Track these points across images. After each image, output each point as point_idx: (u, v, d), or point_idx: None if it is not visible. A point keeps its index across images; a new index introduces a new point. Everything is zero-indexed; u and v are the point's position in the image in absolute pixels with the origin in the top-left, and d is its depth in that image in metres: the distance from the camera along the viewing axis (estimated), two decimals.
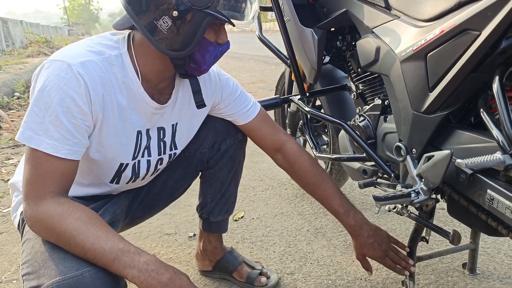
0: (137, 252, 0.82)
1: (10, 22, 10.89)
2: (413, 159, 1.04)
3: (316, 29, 1.35)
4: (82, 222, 0.82)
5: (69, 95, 0.84)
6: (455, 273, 1.32)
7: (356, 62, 1.30)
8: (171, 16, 0.85)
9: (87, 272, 0.78)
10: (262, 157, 2.54)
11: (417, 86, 0.97)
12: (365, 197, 1.89)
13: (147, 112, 1.00)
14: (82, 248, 0.80)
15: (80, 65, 0.86)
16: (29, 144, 0.83)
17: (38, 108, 0.83)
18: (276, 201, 1.93)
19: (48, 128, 0.83)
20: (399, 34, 1.02)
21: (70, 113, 0.84)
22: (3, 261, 1.57)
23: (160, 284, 0.80)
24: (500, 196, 0.80)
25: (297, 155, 1.23)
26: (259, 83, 5.37)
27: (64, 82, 0.84)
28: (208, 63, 0.96)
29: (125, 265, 0.80)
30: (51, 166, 0.84)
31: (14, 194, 1.07)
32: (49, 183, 0.84)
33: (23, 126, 0.84)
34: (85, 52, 0.89)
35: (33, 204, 0.83)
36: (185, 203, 1.98)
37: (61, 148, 0.84)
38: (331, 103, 1.55)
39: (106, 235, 0.82)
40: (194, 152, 1.23)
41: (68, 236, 0.81)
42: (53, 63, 0.85)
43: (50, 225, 0.82)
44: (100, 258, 0.80)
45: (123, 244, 0.82)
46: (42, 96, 0.83)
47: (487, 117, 0.84)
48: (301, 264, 1.43)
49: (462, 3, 0.84)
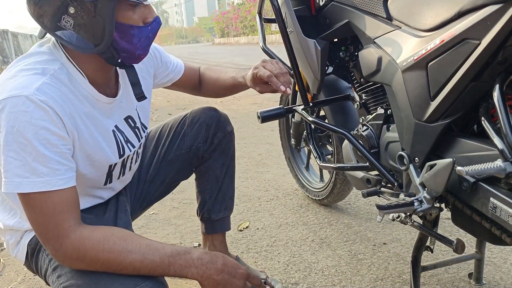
0: (185, 251, 0.86)
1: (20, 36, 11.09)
2: (415, 168, 1.04)
3: (319, 40, 1.36)
4: (120, 245, 0.83)
5: (42, 126, 0.79)
6: (461, 283, 1.31)
7: (358, 72, 1.31)
8: (68, 13, 0.82)
9: (145, 286, 0.82)
10: (267, 168, 2.55)
11: (419, 95, 0.97)
12: (370, 207, 1.89)
13: (108, 110, 1.00)
14: (133, 268, 0.82)
15: (37, 92, 0.80)
16: (21, 191, 0.79)
17: (14, 152, 0.78)
18: (281, 211, 1.93)
19: (34, 167, 0.79)
20: (400, 44, 1.03)
21: (50, 143, 0.80)
22: (10, 271, 1.58)
23: (217, 271, 0.86)
24: (503, 204, 0.80)
25: (209, 71, 1.40)
26: (264, 94, 5.39)
27: (31, 115, 0.78)
28: (140, 47, 0.91)
29: (181, 268, 0.84)
30: (54, 202, 0.81)
31: (5, 236, 1.03)
32: (62, 219, 0.81)
33: (6, 176, 0.79)
34: (32, 77, 0.83)
35: (59, 245, 0.81)
36: (190, 213, 1.98)
37: (55, 181, 0.81)
38: (335, 113, 1.56)
39: (149, 248, 0.84)
40: (190, 148, 1.29)
41: (114, 263, 0.82)
42: (7, 101, 0.79)
43: (90, 260, 0.82)
44: (154, 270, 0.83)
45: (169, 250, 0.85)
46: (13, 139, 0.78)
47: (488, 125, 0.84)
48: (305, 274, 1.43)
49: (462, 13, 0.85)
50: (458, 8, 0.85)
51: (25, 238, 0.99)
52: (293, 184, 2.19)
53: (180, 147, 1.30)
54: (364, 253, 1.52)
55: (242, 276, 0.89)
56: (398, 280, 1.35)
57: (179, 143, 1.30)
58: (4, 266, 1.62)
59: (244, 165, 2.61)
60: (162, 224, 1.90)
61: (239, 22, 25.57)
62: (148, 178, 1.29)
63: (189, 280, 1.43)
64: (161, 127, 1.35)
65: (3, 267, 1.62)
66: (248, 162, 2.67)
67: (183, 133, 1.30)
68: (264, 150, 2.92)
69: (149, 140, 1.34)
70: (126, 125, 1.07)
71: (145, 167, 1.29)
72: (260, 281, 0.93)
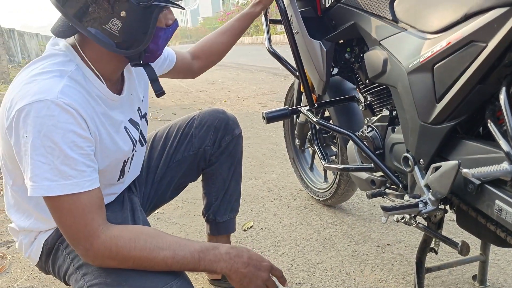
0: (214, 247, 0.91)
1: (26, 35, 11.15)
2: (420, 170, 1.05)
3: (324, 41, 1.37)
4: (151, 243, 0.85)
5: (68, 129, 0.81)
6: (465, 285, 1.31)
7: (364, 73, 1.32)
8: (119, 17, 0.85)
9: (175, 284, 0.85)
10: (271, 168, 2.55)
11: (424, 97, 0.98)
12: (374, 208, 1.89)
13: (119, 106, 1.02)
14: (165, 264, 0.85)
15: (61, 96, 0.82)
16: (50, 194, 0.80)
17: (42, 157, 0.79)
18: (285, 211, 1.94)
19: (62, 170, 0.80)
20: (406, 46, 1.04)
21: (76, 145, 0.82)
22: (16, 269, 1.60)
23: (244, 264, 0.90)
24: (509, 206, 0.81)
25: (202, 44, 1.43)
26: (268, 94, 5.40)
27: (57, 119, 0.80)
28: (161, 47, 0.97)
29: (211, 262, 0.88)
30: (83, 203, 0.83)
31: (18, 237, 1.04)
32: (91, 220, 0.83)
33: (35, 181, 0.80)
34: (52, 80, 0.84)
35: (90, 245, 0.83)
36: (194, 213, 1.99)
37: (83, 183, 0.83)
38: (340, 114, 1.56)
39: (178, 244, 0.87)
40: (198, 150, 1.30)
41: (146, 260, 0.84)
42: (31, 107, 0.80)
43: (123, 258, 0.84)
44: (186, 265, 0.87)
45: (198, 246, 0.89)
46: (41, 143, 0.79)
47: (494, 128, 0.84)
48: (309, 274, 1.43)
49: (468, 15, 0.85)
50: (465, 11, 0.85)
51: (40, 238, 1.00)
52: (297, 185, 2.19)
53: (187, 148, 1.30)
54: (368, 254, 1.53)
55: (267, 269, 0.94)
56: (402, 281, 1.36)
57: (187, 145, 1.30)
58: (11, 264, 1.64)
59: (248, 165, 2.61)
60: (166, 223, 1.91)
61: None
62: (156, 178, 1.30)
63: (189, 273, 1.45)
64: (169, 127, 1.36)
65: (9, 264, 1.63)
66: (252, 162, 2.68)
67: (191, 135, 1.31)
68: (268, 151, 2.92)
69: (157, 140, 1.34)
70: (138, 116, 1.10)
71: (153, 167, 1.30)
72: (281, 273, 0.97)
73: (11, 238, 1.85)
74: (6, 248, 1.76)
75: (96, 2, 0.84)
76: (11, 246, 1.78)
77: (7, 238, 1.85)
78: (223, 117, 1.33)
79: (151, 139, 1.35)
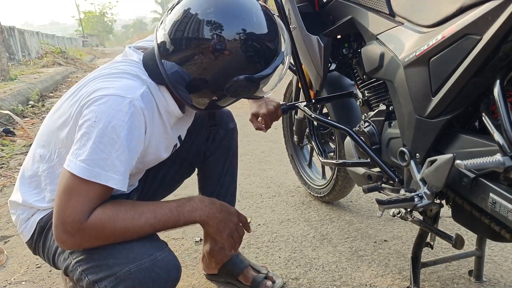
0: (188, 199, 0.96)
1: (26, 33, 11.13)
2: (416, 164, 1.05)
3: (322, 37, 1.37)
4: (131, 211, 0.88)
5: (135, 130, 0.87)
6: (461, 280, 1.31)
7: (361, 69, 1.32)
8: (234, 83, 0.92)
9: (159, 255, 0.88)
10: (270, 165, 2.55)
11: (420, 91, 0.98)
12: (371, 205, 1.89)
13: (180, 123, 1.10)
14: (150, 226, 0.89)
15: (140, 99, 0.89)
16: (97, 181, 0.83)
17: (103, 145, 0.84)
18: (283, 208, 1.94)
19: (115, 164, 0.85)
20: (402, 40, 1.04)
21: (134, 148, 0.88)
22: (13, 263, 1.60)
23: (218, 210, 0.98)
24: (503, 199, 0.81)
25: None
26: None
27: (129, 117, 0.86)
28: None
29: (189, 213, 0.94)
30: (100, 194, 0.85)
31: (17, 211, 1.04)
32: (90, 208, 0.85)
33: (88, 163, 0.83)
34: (135, 83, 0.92)
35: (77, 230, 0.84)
36: None
37: (124, 181, 0.87)
38: (337, 109, 1.56)
39: (156, 205, 0.92)
40: (191, 145, 1.30)
41: (130, 227, 0.87)
42: (110, 98, 0.86)
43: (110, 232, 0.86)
44: (168, 221, 0.91)
45: (174, 202, 0.95)
46: (107, 132, 0.84)
47: (489, 121, 0.84)
48: (306, 269, 1.43)
49: (463, 8, 0.85)
50: (460, 4, 0.85)
51: (36, 215, 1.01)
52: (295, 182, 2.19)
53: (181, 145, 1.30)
54: (365, 250, 1.53)
55: (235, 214, 1.03)
56: (398, 276, 1.36)
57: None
58: (8, 258, 1.64)
59: (247, 162, 2.61)
60: None
61: None
62: (150, 174, 1.29)
63: (186, 267, 1.45)
64: None
65: (6, 259, 1.63)
66: (251, 159, 2.68)
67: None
68: (267, 148, 2.93)
69: None
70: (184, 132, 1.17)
71: None
72: (246, 219, 1.06)
73: (8, 233, 1.85)
74: (3, 243, 1.77)
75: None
76: (8, 241, 1.78)
77: (5, 233, 1.85)
78: (217, 111, 1.33)
79: None
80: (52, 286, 1.43)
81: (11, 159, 3.04)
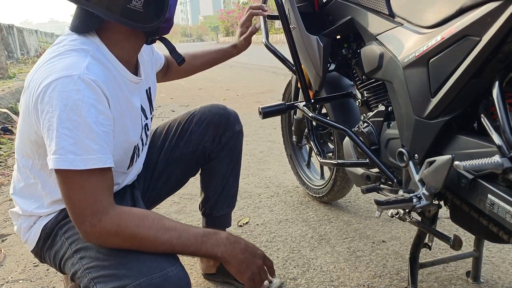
0: (215, 232, 0.93)
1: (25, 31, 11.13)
2: (415, 165, 1.05)
3: (321, 37, 1.37)
4: (159, 223, 0.86)
5: (93, 104, 0.82)
6: (458, 281, 1.31)
7: (360, 69, 1.32)
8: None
9: (170, 271, 0.84)
10: (268, 165, 2.55)
11: (419, 92, 0.98)
12: (370, 205, 1.89)
13: (136, 90, 1.03)
14: (170, 245, 0.87)
15: (87, 71, 0.84)
16: (75, 168, 0.80)
17: (67, 130, 0.80)
18: (281, 208, 1.94)
19: (87, 144, 0.81)
20: (402, 41, 1.04)
21: (100, 122, 0.83)
22: (10, 262, 1.60)
23: (242, 250, 0.93)
24: (501, 201, 0.81)
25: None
26: (268, 92, 5.40)
27: (83, 94, 0.81)
28: (173, 15, 0.98)
29: (213, 246, 0.90)
30: (97, 179, 0.83)
31: (18, 221, 1.04)
32: (102, 196, 0.83)
33: (60, 153, 0.80)
34: (77, 57, 0.86)
35: (97, 221, 0.82)
36: (190, 208, 1.99)
37: (106, 158, 0.83)
38: (336, 110, 1.56)
39: (183, 227, 0.90)
40: (197, 147, 1.29)
41: (152, 239, 0.85)
42: (57, 83, 0.81)
43: (130, 235, 0.84)
44: (188, 247, 0.88)
45: (201, 230, 0.92)
46: (67, 117, 0.80)
47: (487, 122, 0.84)
48: (304, 270, 1.43)
49: (463, 9, 0.85)
50: (459, 5, 0.85)
51: (39, 222, 1.00)
52: (294, 182, 2.19)
53: (187, 144, 1.29)
54: (363, 250, 1.53)
55: (261, 257, 0.97)
56: (396, 277, 1.36)
57: (186, 141, 1.29)
58: (5, 257, 1.64)
59: (245, 162, 2.61)
60: None
61: None
62: (155, 174, 1.29)
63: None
64: (169, 123, 1.35)
65: (4, 257, 1.63)
66: (249, 159, 2.68)
67: (190, 131, 1.30)
68: (266, 148, 2.93)
69: (157, 135, 1.33)
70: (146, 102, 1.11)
71: (151, 163, 1.29)
72: (272, 264, 1.00)
73: (5, 232, 1.85)
74: (0, 242, 1.76)
75: None
76: (5, 239, 1.78)
77: (2, 232, 1.85)
78: (223, 113, 1.31)
79: (152, 135, 1.34)
80: (50, 285, 1.43)
81: (9, 157, 3.04)
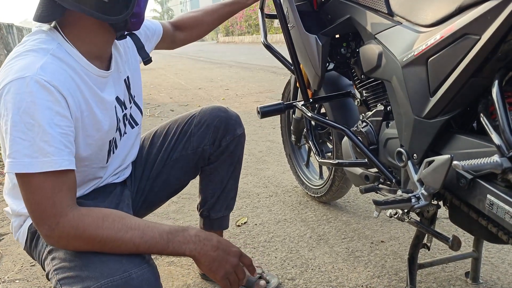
0: (183, 229, 0.88)
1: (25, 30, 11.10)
2: (414, 165, 1.04)
3: (320, 36, 1.36)
4: (120, 223, 0.83)
5: (47, 106, 0.80)
6: (457, 282, 1.30)
7: (359, 68, 1.31)
8: None
9: (134, 273, 0.81)
10: (267, 165, 2.54)
11: (418, 91, 0.97)
12: (369, 205, 1.88)
13: (108, 83, 1.01)
14: (133, 244, 0.83)
15: (41, 72, 0.81)
16: (30, 171, 0.79)
17: (21, 133, 0.78)
18: (280, 208, 1.93)
19: (41, 147, 0.79)
20: (401, 40, 1.03)
21: (55, 123, 0.81)
22: (7, 261, 1.59)
23: (213, 247, 0.88)
24: (500, 201, 0.80)
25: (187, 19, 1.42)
26: (267, 92, 5.39)
27: (35, 96, 0.79)
28: (144, 10, 0.94)
29: (180, 244, 0.86)
30: (55, 181, 0.81)
31: (11, 219, 1.05)
32: (60, 199, 0.81)
33: (14, 156, 0.78)
34: (32, 58, 0.84)
35: (55, 224, 0.80)
36: (188, 208, 1.98)
37: (61, 161, 0.81)
38: (335, 109, 1.55)
39: (147, 225, 0.86)
40: (196, 149, 1.27)
41: (113, 239, 0.82)
42: (11, 85, 0.79)
43: (89, 237, 0.81)
44: (154, 246, 0.84)
45: (167, 227, 0.87)
46: (20, 119, 0.78)
47: (487, 122, 0.83)
48: (302, 270, 1.43)
49: (462, 8, 0.84)
50: (458, 3, 0.85)
51: (27, 222, 1.00)
52: (293, 182, 2.18)
53: (186, 147, 1.27)
54: (362, 251, 1.52)
55: (236, 254, 0.92)
56: (395, 277, 1.35)
57: (185, 143, 1.27)
58: (2, 256, 1.63)
59: (244, 162, 2.60)
60: (160, 218, 1.91)
61: (243, 21, 25.59)
62: (152, 174, 1.27)
63: (181, 266, 1.44)
64: (169, 124, 1.33)
65: (0, 257, 1.62)
66: (248, 159, 2.67)
67: (189, 133, 1.27)
68: (265, 147, 2.92)
69: (157, 136, 1.31)
70: (125, 96, 1.09)
71: (149, 163, 1.27)
72: (251, 261, 0.95)
73: (2, 231, 1.84)
74: None
75: None
76: (2, 239, 1.77)
77: None
78: (224, 116, 1.28)
79: (152, 135, 1.33)
80: (46, 284, 1.42)
81: None
